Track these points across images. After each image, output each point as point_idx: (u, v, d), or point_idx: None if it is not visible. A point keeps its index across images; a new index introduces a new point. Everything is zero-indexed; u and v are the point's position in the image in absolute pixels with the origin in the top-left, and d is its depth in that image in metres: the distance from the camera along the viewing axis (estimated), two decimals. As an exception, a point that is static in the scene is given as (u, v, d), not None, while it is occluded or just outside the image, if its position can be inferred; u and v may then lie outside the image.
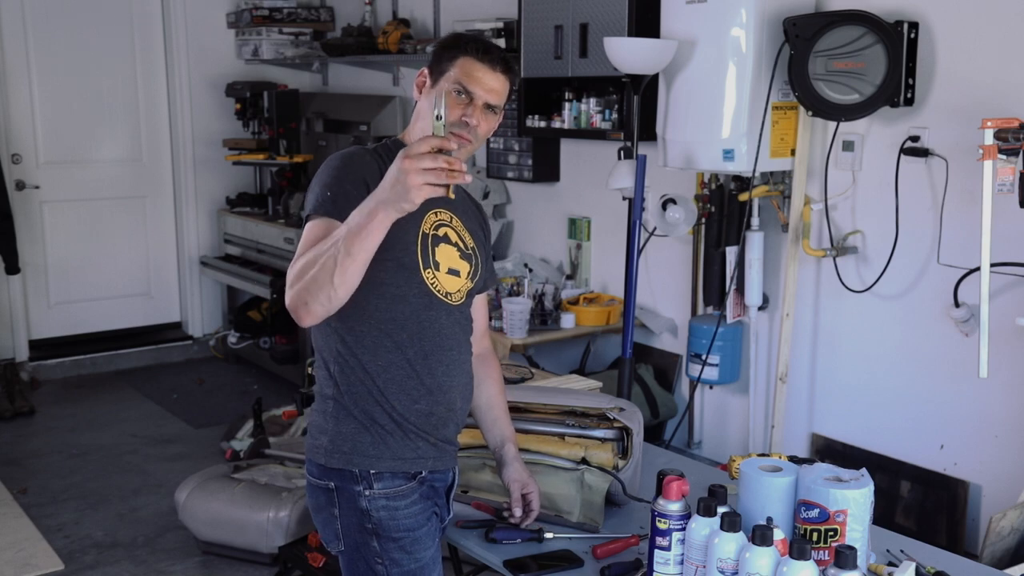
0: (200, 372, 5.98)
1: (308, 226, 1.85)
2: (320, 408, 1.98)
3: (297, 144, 5.65)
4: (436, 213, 1.96)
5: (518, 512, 2.14)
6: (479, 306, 2.16)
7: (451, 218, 2.00)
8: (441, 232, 1.96)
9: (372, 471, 1.91)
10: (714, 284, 3.72)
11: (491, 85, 1.93)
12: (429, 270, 1.92)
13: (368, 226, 1.65)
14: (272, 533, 3.46)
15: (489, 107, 1.94)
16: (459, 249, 1.99)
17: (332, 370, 1.94)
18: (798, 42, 3.18)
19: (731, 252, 3.62)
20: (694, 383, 3.87)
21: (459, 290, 1.99)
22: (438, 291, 1.94)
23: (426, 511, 1.98)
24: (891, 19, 3.11)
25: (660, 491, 1.83)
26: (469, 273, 2.01)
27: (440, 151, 1.59)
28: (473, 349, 2.10)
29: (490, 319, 3.99)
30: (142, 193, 6.13)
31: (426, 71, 1.98)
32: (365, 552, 1.94)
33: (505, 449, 2.18)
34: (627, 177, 3.40)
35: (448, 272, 1.96)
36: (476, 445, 2.35)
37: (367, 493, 1.91)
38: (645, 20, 3.74)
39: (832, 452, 3.54)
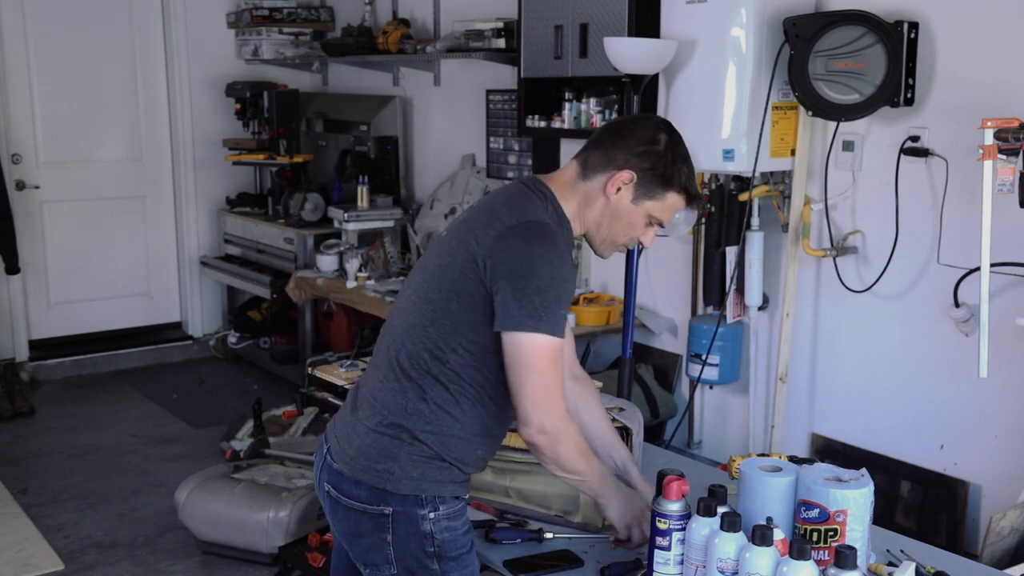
0: (200, 372, 5.98)
1: (550, 346, 1.79)
2: (386, 432, 1.88)
3: (297, 144, 5.65)
4: None
5: (636, 536, 2.09)
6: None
7: None
8: None
9: (437, 495, 1.89)
10: (714, 284, 3.72)
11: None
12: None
13: (596, 492, 1.98)
14: (272, 533, 3.46)
15: None
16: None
17: (419, 407, 1.87)
18: (798, 42, 3.18)
19: (731, 252, 3.62)
20: (694, 383, 3.87)
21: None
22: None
23: (471, 528, 1.99)
24: (891, 19, 3.11)
25: (660, 491, 1.83)
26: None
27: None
28: (568, 371, 2.11)
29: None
30: (142, 193, 6.13)
31: (634, 179, 1.90)
32: (423, 574, 1.90)
33: (631, 474, 2.16)
34: (627, 177, 3.40)
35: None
36: (476, 445, 2.35)
37: (431, 516, 1.88)
38: (645, 20, 3.74)
39: (832, 452, 3.54)
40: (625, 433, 2.30)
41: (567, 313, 1.83)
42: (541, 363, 1.78)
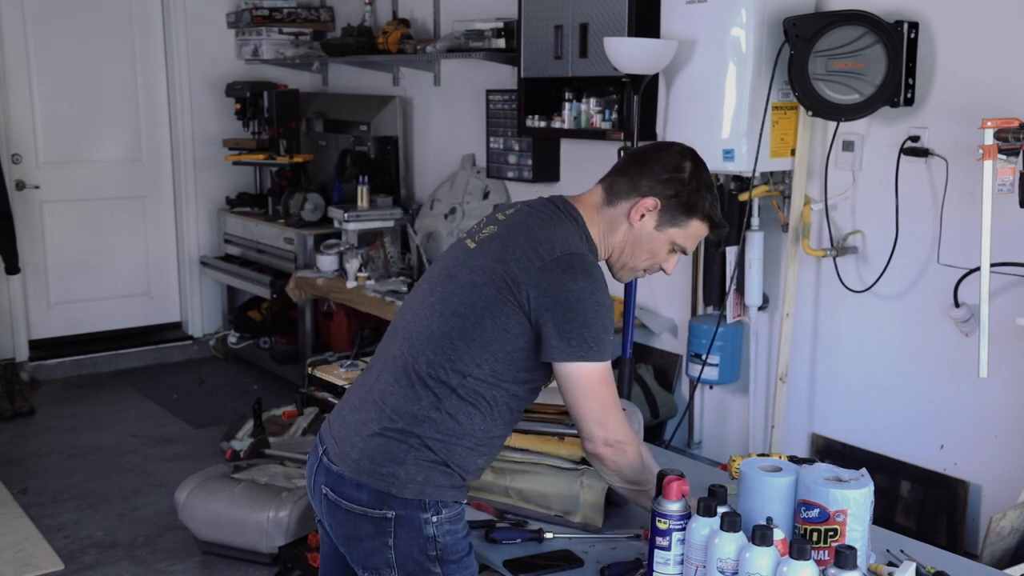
0: (200, 372, 5.98)
1: (604, 370, 1.87)
2: (394, 437, 1.87)
3: (297, 144, 5.65)
4: None
5: None
6: None
7: None
8: None
9: (440, 500, 1.89)
10: (714, 284, 3.72)
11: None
12: None
13: (646, 508, 1.97)
14: (272, 533, 3.46)
15: None
16: None
17: (432, 415, 1.87)
18: (798, 42, 3.18)
19: (731, 252, 3.62)
20: (694, 383, 3.87)
21: None
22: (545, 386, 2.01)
23: (470, 531, 1.99)
24: (891, 19, 3.11)
25: (660, 491, 1.83)
26: None
27: None
28: None
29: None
30: (142, 193, 6.13)
31: (658, 206, 1.92)
32: None
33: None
34: (627, 177, 3.39)
35: None
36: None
37: (434, 520, 1.88)
38: (645, 20, 3.74)
39: (832, 452, 3.54)
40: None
41: (612, 336, 1.92)
42: (595, 386, 1.87)
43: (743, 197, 3.53)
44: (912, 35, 3.11)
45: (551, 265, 1.84)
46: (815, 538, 1.74)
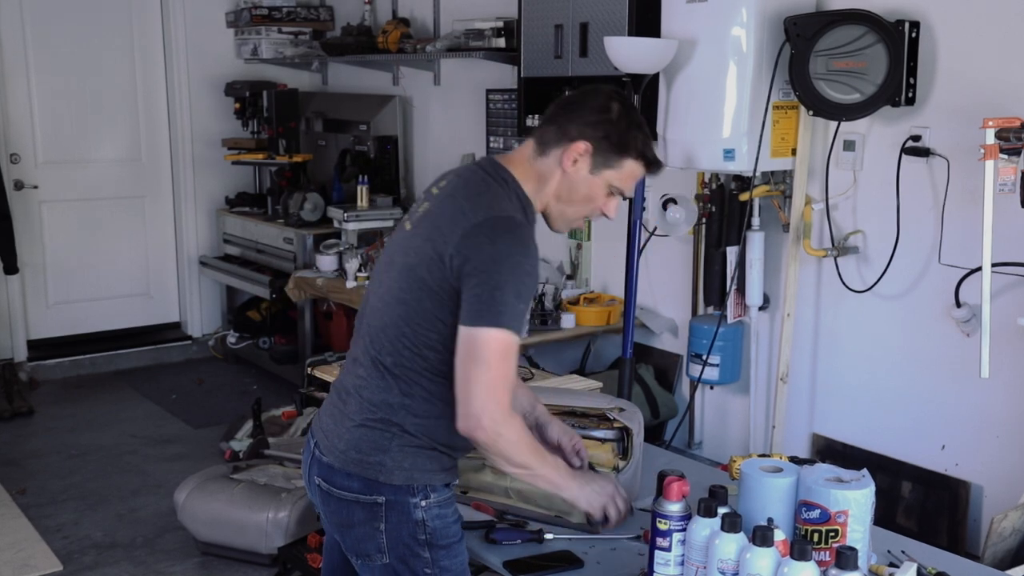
0: (199, 372, 5.97)
1: (505, 341, 1.78)
2: (375, 427, 1.90)
3: (296, 144, 5.64)
4: None
5: (576, 462, 2.13)
6: None
7: None
8: None
9: (428, 484, 1.91)
10: (715, 284, 3.71)
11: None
12: (522, 334, 1.94)
13: (553, 482, 1.95)
14: (272, 534, 3.45)
15: None
16: None
17: (405, 401, 1.89)
18: (799, 41, 3.18)
19: (732, 252, 3.61)
20: (694, 383, 3.86)
21: None
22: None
23: (460, 518, 2.00)
24: (892, 18, 3.10)
25: (660, 492, 1.82)
26: None
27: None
28: None
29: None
30: (141, 193, 6.12)
31: (590, 150, 1.90)
32: (415, 563, 1.92)
33: (538, 412, 2.19)
34: (627, 177, 3.39)
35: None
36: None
37: (423, 504, 1.90)
38: (645, 19, 3.74)
39: (833, 452, 3.53)
40: (625, 433, 2.30)
41: (527, 307, 1.83)
42: (490, 356, 1.78)
43: (744, 197, 3.52)
44: (913, 34, 3.11)
45: (473, 230, 1.81)
46: (816, 539, 1.74)
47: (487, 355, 1.78)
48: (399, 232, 1.99)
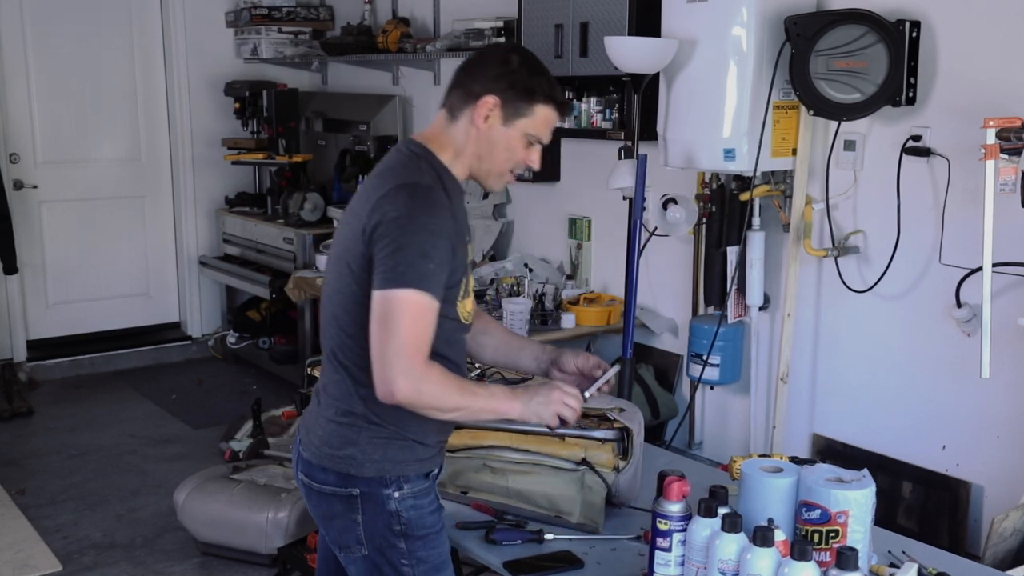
0: (199, 372, 5.97)
1: (410, 300, 1.76)
2: (342, 421, 1.93)
3: (296, 143, 5.64)
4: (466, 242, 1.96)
5: (602, 377, 2.07)
6: None
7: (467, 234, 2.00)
8: (470, 257, 1.99)
9: (401, 475, 1.92)
10: (715, 284, 3.71)
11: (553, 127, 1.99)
12: (464, 300, 1.95)
13: (498, 411, 1.90)
14: (271, 534, 3.45)
15: None
16: (473, 266, 2.04)
17: (362, 392, 1.90)
18: (799, 41, 3.17)
19: (732, 252, 3.61)
20: (695, 383, 3.86)
21: (472, 309, 2.04)
22: (464, 318, 1.98)
23: (439, 509, 2.01)
24: (893, 18, 3.10)
25: (661, 492, 1.82)
26: (474, 286, 2.06)
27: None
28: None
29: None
30: (141, 193, 6.12)
31: (498, 103, 1.90)
32: (392, 554, 1.94)
33: (548, 353, 2.16)
34: (628, 177, 3.39)
35: (471, 294, 2.01)
36: (476, 446, 2.34)
37: (396, 495, 1.92)
38: (646, 19, 3.74)
39: (833, 453, 3.53)
40: (626, 434, 2.29)
41: (439, 267, 1.81)
42: (399, 317, 1.76)
43: (744, 197, 3.52)
44: (914, 34, 3.10)
45: (379, 200, 1.83)
46: (816, 539, 1.74)
47: (396, 316, 1.76)
48: (337, 229, 2.04)
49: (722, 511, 1.72)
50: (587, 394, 1.98)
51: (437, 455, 2.01)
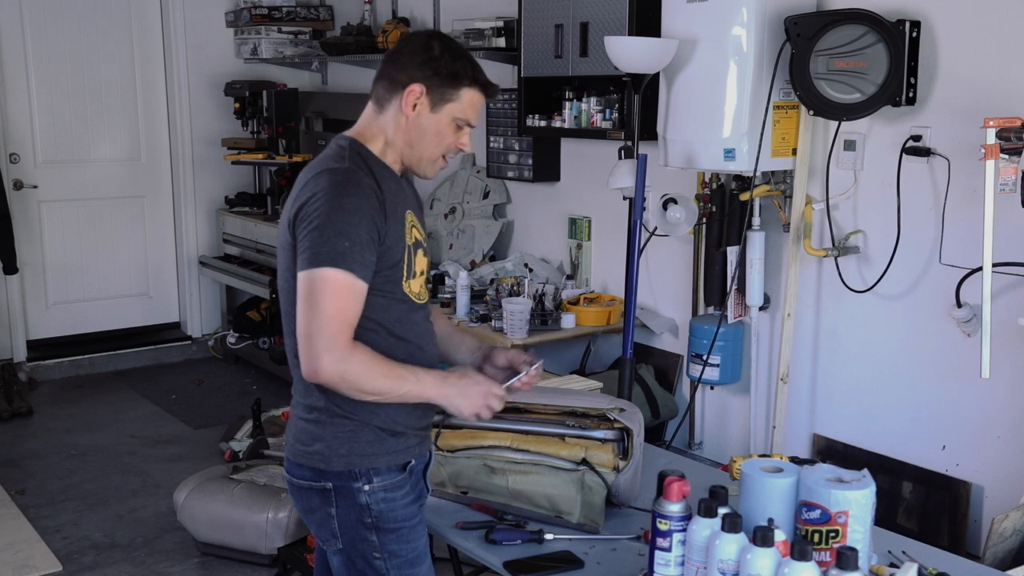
0: (199, 372, 5.97)
1: (329, 280, 1.78)
2: (307, 418, 1.96)
3: (296, 143, 5.64)
4: (407, 217, 1.96)
5: (526, 371, 2.08)
6: None
7: (412, 216, 2.00)
8: (413, 238, 1.98)
9: (371, 467, 1.94)
10: (715, 284, 3.71)
11: (481, 109, 2.00)
12: (409, 280, 1.96)
13: (424, 395, 1.90)
14: (271, 534, 3.45)
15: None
16: (423, 247, 2.03)
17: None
18: (799, 41, 3.17)
19: (732, 252, 3.61)
20: (695, 383, 3.86)
21: (423, 288, 2.04)
22: (414, 297, 1.98)
23: (417, 500, 2.02)
24: (893, 18, 3.10)
25: (661, 492, 1.82)
26: (428, 266, 2.08)
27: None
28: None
29: (489, 319, 3.99)
30: (141, 193, 6.12)
31: (424, 90, 1.92)
32: (364, 547, 1.96)
33: (482, 349, 2.20)
34: (628, 177, 3.39)
35: (420, 275, 2.01)
36: (476, 446, 2.34)
37: (366, 488, 1.94)
38: (646, 19, 3.73)
39: (833, 453, 3.53)
40: (626, 434, 2.29)
41: (357, 247, 1.81)
42: (317, 296, 1.78)
43: (744, 197, 3.52)
44: (914, 34, 3.10)
45: (302, 190, 1.87)
46: (816, 539, 1.73)
47: (316, 295, 1.78)
48: None
49: (722, 511, 1.71)
50: (506, 386, 2.01)
51: (415, 446, 2.00)
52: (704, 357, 3.69)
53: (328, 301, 1.78)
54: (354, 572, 1.98)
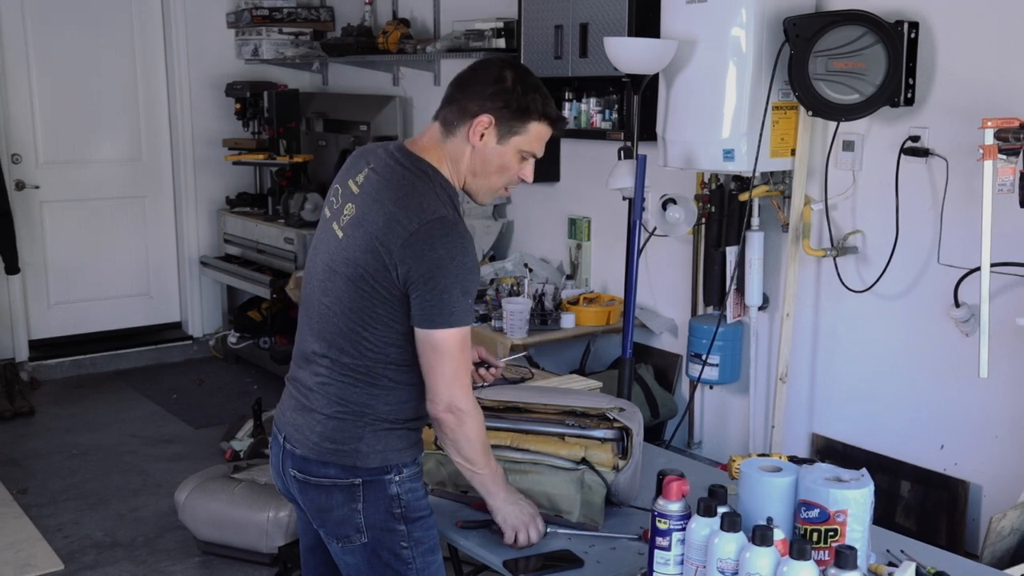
0: (200, 372, 5.98)
1: (460, 335, 1.91)
2: (347, 418, 1.98)
3: (297, 144, 5.64)
4: None
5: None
6: None
7: None
8: None
9: (400, 462, 2.00)
10: (714, 284, 3.72)
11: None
12: None
13: (487, 489, 2.07)
14: (272, 533, 3.46)
15: None
16: None
17: (374, 392, 1.98)
18: (798, 42, 3.18)
19: (731, 252, 3.62)
20: (694, 383, 3.87)
21: None
22: None
23: (425, 490, 2.10)
24: (891, 19, 3.10)
25: (660, 491, 1.83)
26: None
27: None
28: None
29: (489, 319, 4.00)
30: (142, 193, 6.13)
31: (493, 121, 1.94)
32: (390, 539, 2.00)
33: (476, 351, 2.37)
34: (627, 177, 3.40)
35: None
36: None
37: (397, 479, 1.99)
38: (645, 20, 3.74)
39: (832, 452, 3.54)
40: (625, 433, 2.30)
41: (473, 300, 1.95)
42: (450, 349, 1.91)
43: (743, 197, 3.53)
44: (912, 35, 3.11)
45: (411, 240, 1.87)
46: (815, 538, 1.74)
47: (446, 350, 1.91)
48: (330, 237, 2.02)
49: (721, 510, 1.72)
50: (501, 362, 2.14)
51: (422, 440, 2.11)
52: (703, 357, 3.70)
53: (459, 354, 1.92)
54: (378, 565, 2.01)
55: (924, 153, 3.17)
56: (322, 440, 1.99)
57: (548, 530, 2.17)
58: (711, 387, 3.94)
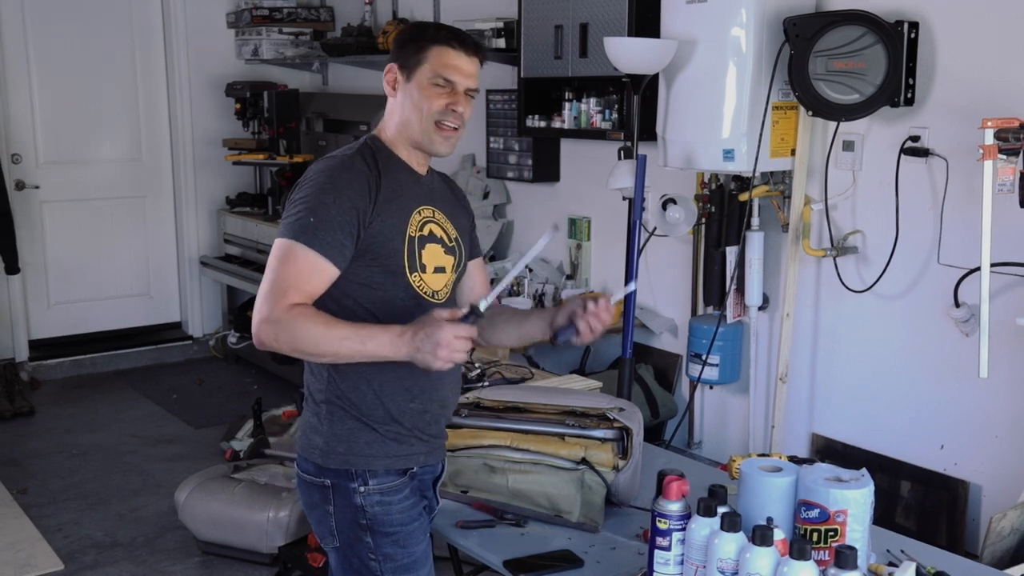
0: (200, 372, 5.98)
1: (286, 250, 1.83)
2: (312, 411, 1.98)
3: (297, 144, 5.65)
4: (420, 212, 1.96)
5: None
6: (474, 272, 2.15)
7: (434, 212, 1.99)
8: (427, 231, 1.96)
9: (367, 469, 1.94)
10: (714, 284, 3.72)
11: (468, 70, 1.95)
12: (416, 273, 1.94)
13: (378, 355, 1.77)
14: (272, 533, 3.46)
15: (468, 92, 1.96)
16: (444, 245, 2.00)
17: (325, 373, 1.94)
18: (798, 42, 3.18)
19: (731, 252, 3.62)
20: (694, 383, 3.87)
21: (445, 286, 2.01)
22: (424, 292, 1.96)
23: (417, 506, 2.01)
24: (891, 19, 3.11)
25: (660, 491, 1.83)
26: (453, 266, 2.03)
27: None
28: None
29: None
30: (142, 193, 6.13)
31: (395, 67, 1.96)
32: (359, 548, 1.96)
33: (548, 309, 2.14)
34: (627, 177, 3.40)
35: (434, 271, 1.98)
36: (476, 445, 2.35)
37: (362, 489, 1.94)
38: (645, 20, 3.74)
39: (832, 452, 3.54)
40: (625, 433, 2.30)
41: (325, 225, 1.82)
42: (272, 259, 1.85)
43: (743, 197, 3.53)
44: (912, 35, 3.11)
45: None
46: (815, 538, 1.74)
47: (271, 263, 1.85)
48: None
49: (721, 510, 1.72)
50: (484, 303, 1.78)
51: (420, 453, 1.99)
52: (703, 357, 3.70)
53: (278, 267, 1.83)
54: (350, 571, 1.99)
55: (924, 153, 3.17)
56: (301, 434, 2.02)
57: (548, 530, 2.17)
58: (711, 387, 3.94)
